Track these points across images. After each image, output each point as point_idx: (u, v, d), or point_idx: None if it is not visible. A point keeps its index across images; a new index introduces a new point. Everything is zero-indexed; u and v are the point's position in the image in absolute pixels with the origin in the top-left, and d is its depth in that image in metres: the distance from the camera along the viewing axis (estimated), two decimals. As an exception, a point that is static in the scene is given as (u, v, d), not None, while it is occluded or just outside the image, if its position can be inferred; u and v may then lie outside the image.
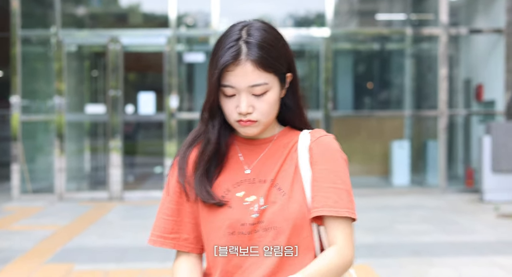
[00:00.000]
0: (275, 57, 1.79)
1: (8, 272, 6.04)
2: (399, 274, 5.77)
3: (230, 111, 1.81)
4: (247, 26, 1.82)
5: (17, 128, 10.76)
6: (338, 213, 1.76)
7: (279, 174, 1.84)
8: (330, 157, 1.82)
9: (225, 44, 1.79)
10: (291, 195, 1.80)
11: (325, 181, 1.80)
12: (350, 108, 12.91)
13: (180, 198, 1.89)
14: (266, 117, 1.81)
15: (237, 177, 1.86)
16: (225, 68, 1.76)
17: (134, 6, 12.94)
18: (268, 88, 1.79)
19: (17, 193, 10.66)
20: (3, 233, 7.92)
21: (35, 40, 11.67)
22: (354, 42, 13.17)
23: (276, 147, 1.89)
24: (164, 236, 1.89)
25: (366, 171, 12.44)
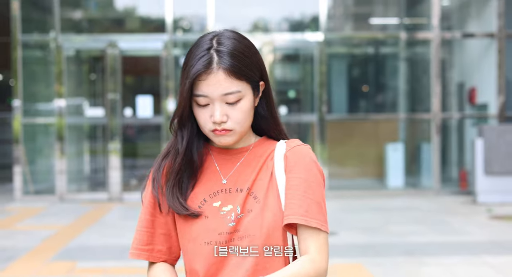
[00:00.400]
0: (246, 65, 1.78)
1: (14, 270, 6.25)
2: (392, 273, 5.97)
3: (204, 121, 1.79)
4: (217, 36, 1.82)
5: (19, 130, 10.96)
6: (308, 222, 1.75)
7: (255, 183, 1.83)
8: (304, 166, 1.81)
9: (196, 54, 1.78)
10: (265, 203, 1.80)
11: (298, 190, 1.78)
12: (344, 111, 13.11)
13: (154, 210, 1.88)
14: (241, 126, 1.80)
15: (214, 187, 1.85)
16: (197, 77, 1.75)
17: (130, 10, 13.12)
18: (242, 96, 1.78)
19: (19, 194, 10.85)
20: (7, 232, 8.13)
21: (35, 45, 11.86)
22: (348, 46, 13.37)
23: (252, 157, 1.87)
24: (140, 248, 1.88)
25: (361, 174, 12.62)
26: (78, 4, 12.57)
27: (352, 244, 7.22)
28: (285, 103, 12.95)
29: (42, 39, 11.76)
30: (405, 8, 13.11)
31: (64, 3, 11.61)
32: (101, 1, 12.74)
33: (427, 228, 8.10)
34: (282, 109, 11.92)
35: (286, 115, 12.09)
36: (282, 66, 14.00)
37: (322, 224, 1.77)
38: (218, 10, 11.30)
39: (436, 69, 11.21)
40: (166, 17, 11.18)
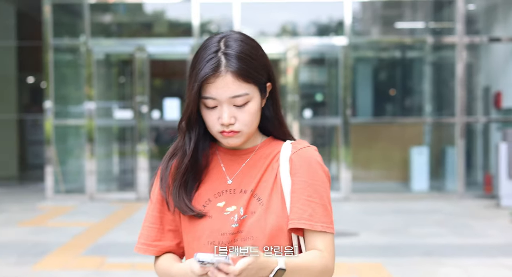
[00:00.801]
0: (254, 67, 1.80)
1: (46, 263, 6.54)
2: (409, 273, 6.13)
3: (213, 123, 1.81)
4: (224, 38, 1.83)
5: (50, 132, 11.27)
6: (312, 227, 1.78)
7: (259, 184, 1.84)
8: (309, 169, 1.83)
9: (204, 57, 1.79)
10: (269, 206, 1.81)
11: (303, 193, 1.81)
12: (369, 114, 13.23)
13: (162, 207, 1.90)
14: (248, 127, 1.82)
15: (219, 187, 1.87)
16: (206, 80, 1.77)
17: (159, 14, 13.38)
18: (249, 99, 1.80)
19: (51, 193, 11.17)
20: (39, 229, 8.43)
21: (66, 48, 12.17)
22: (373, 50, 13.50)
23: (258, 158, 1.88)
24: (148, 244, 1.91)
25: (385, 177, 12.73)
26: (107, 9, 12.85)
27: (373, 245, 7.38)
28: (311, 106, 13.12)
29: (73, 43, 12.06)
30: (431, 12, 13.20)
31: (94, 8, 11.92)
32: (130, 5, 13.01)
33: (448, 231, 8.22)
34: (306, 112, 12.08)
35: (311, 118, 12.25)
36: (307, 70, 14.17)
37: (327, 226, 1.80)
38: (244, 14, 11.53)
39: (460, 73, 11.31)
40: (193, 21, 11.42)
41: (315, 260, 1.76)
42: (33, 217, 9.43)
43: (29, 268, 6.34)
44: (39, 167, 14.45)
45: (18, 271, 6.26)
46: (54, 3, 11.42)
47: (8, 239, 7.79)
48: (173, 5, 12.55)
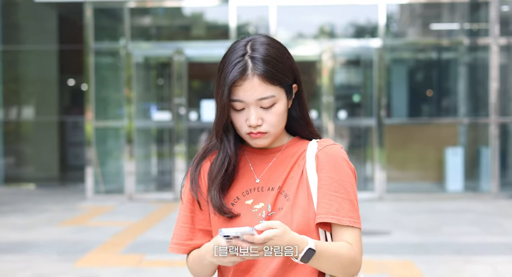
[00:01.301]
0: (280, 70, 1.84)
1: (87, 260, 6.81)
2: (438, 270, 6.26)
3: (241, 124, 1.86)
4: (251, 41, 1.87)
5: (91, 133, 11.60)
6: (340, 221, 1.82)
7: (286, 181, 1.88)
8: (335, 165, 1.86)
9: (232, 60, 1.85)
10: (295, 201, 1.85)
11: (329, 189, 1.84)
12: (404, 115, 13.31)
13: (193, 206, 1.95)
14: (275, 128, 1.86)
15: (247, 186, 1.91)
16: (233, 84, 1.82)
17: (197, 17, 13.63)
18: (276, 100, 1.84)
19: (91, 193, 11.50)
20: (80, 228, 8.73)
21: (106, 52, 12.50)
22: (408, 51, 13.58)
23: (285, 156, 1.93)
24: (180, 243, 1.95)
25: (420, 177, 12.79)
26: (146, 12, 13.14)
27: (404, 243, 7.52)
28: (347, 107, 13.25)
29: (113, 46, 12.38)
30: (466, 13, 13.23)
31: (133, 11, 12.23)
32: (169, 9, 13.27)
33: (479, 230, 8.32)
34: (341, 113, 12.22)
35: (345, 119, 12.40)
36: (343, 71, 14.31)
37: (355, 221, 1.84)
38: (280, 16, 11.73)
39: (495, 74, 11.36)
40: (230, 24, 11.66)
41: (344, 249, 1.79)
42: (74, 216, 9.75)
43: (71, 265, 6.62)
44: (79, 168, 14.82)
45: (61, 268, 6.53)
46: (95, 8, 11.75)
47: (51, 238, 8.09)
48: (211, 8, 12.79)
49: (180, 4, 12.72)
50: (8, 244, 7.73)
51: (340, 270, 1.80)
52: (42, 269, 6.48)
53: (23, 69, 15.36)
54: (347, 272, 1.81)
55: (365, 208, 10.34)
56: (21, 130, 15.26)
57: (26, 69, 15.37)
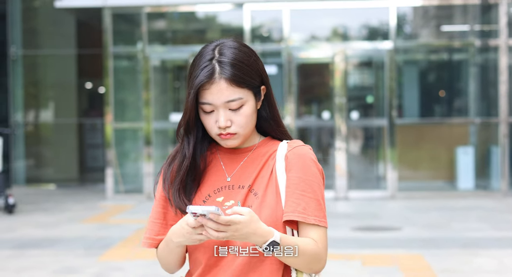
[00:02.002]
0: (247, 73, 1.89)
1: (110, 255, 7.16)
2: (445, 262, 6.54)
3: (211, 126, 1.91)
4: (219, 46, 1.93)
5: (110, 135, 11.95)
6: (306, 219, 1.86)
7: (256, 180, 1.94)
8: (303, 165, 1.92)
9: (200, 64, 1.89)
10: (263, 200, 1.90)
11: (297, 188, 1.90)
12: (416, 116, 13.56)
13: (166, 203, 1.99)
14: (244, 129, 1.92)
15: (218, 184, 1.96)
16: (201, 87, 1.87)
17: (211, 21, 13.95)
18: (243, 102, 1.89)
19: (111, 193, 11.85)
20: (102, 225, 9.08)
21: (124, 55, 12.85)
22: (419, 52, 13.83)
23: (256, 156, 1.98)
24: (152, 238, 2.00)
25: (431, 176, 13.02)
26: (163, 17, 13.48)
27: (414, 238, 7.80)
28: (359, 108, 13.54)
29: (131, 50, 12.74)
30: (476, 15, 13.45)
31: (150, 16, 12.57)
32: (184, 13, 13.59)
33: (488, 225, 8.58)
34: (353, 114, 12.50)
35: (358, 119, 12.68)
36: (356, 73, 14.58)
37: (320, 220, 1.88)
38: (293, 20, 12.05)
39: (504, 75, 11.61)
40: (244, 27, 11.98)
41: (309, 245, 1.85)
42: (96, 214, 10.10)
43: (95, 259, 6.96)
44: (97, 170, 15.20)
45: (86, 262, 6.87)
46: (113, 13, 12.11)
47: (75, 234, 8.45)
48: (225, 12, 13.11)
49: (194, 9, 13.04)
50: (35, 240, 8.09)
51: (303, 264, 1.86)
52: (69, 262, 6.83)
53: (43, 73, 15.75)
54: (310, 267, 1.88)
55: (377, 206, 10.64)
56: (41, 132, 15.63)
57: (45, 73, 15.76)
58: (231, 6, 12.34)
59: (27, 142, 15.06)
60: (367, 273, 6.21)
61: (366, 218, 9.39)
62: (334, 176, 11.73)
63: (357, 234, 8.16)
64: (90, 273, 6.37)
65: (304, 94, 14.34)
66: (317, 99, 15.60)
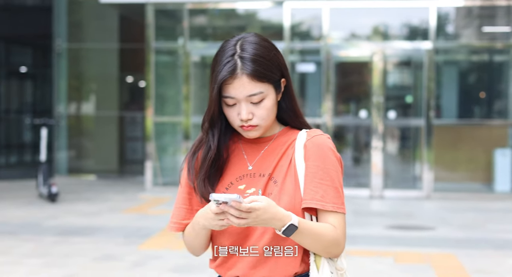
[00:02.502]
0: (267, 67, 1.97)
1: (150, 244, 7.40)
2: (478, 262, 6.62)
3: (233, 118, 2.00)
4: (240, 40, 1.99)
5: (150, 128, 12.20)
6: (324, 207, 1.94)
7: (276, 168, 2.01)
8: (321, 154, 1.99)
9: (222, 60, 1.97)
10: (282, 187, 1.98)
11: (315, 176, 1.97)
12: (454, 116, 13.56)
13: (191, 189, 2.08)
14: (265, 121, 2.00)
15: (240, 172, 2.04)
16: (224, 82, 1.94)
17: (251, 18, 14.09)
18: (264, 96, 1.97)
19: (150, 185, 12.11)
20: (141, 216, 9.33)
21: (166, 51, 13.09)
22: (459, 53, 13.82)
23: (276, 145, 2.06)
24: (179, 222, 2.10)
25: (468, 178, 13.01)
26: (204, 13, 13.66)
27: (448, 237, 7.88)
28: (399, 107, 13.59)
29: (172, 46, 12.97)
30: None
31: (191, 12, 12.78)
32: (224, 10, 13.74)
33: (523, 227, 8.62)
34: (390, 114, 12.56)
35: (395, 119, 12.73)
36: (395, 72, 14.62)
37: (338, 206, 1.96)
38: (333, 18, 12.15)
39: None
40: (284, 25, 12.11)
41: (327, 230, 1.93)
42: (135, 205, 10.34)
43: (135, 248, 7.18)
44: (136, 162, 15.48)
45: (126, 249, 7.10)
46: (156, 9, 12.34)
47: (115, 223, 8.69)
48: (265, 10, 13.25)
49: (235, 6, 13.20)
50: (77, 228, 8.36)
51: (321, 248, 1.93)
52: (109, 250, 7.06)
53: (86, 66, 16.06)
54: (328, 251, 1.95)
55: (412, 206, 10.70)
56: (82, 124, 15.94)
57: (88, 66, 16.07)
58: (271, 4, 12.48)
59: (69, 134, 15.38)
60: (399, 270, 6.32)
61: (400, 217, 9.47)
62: (370, 175, 11.82)
63: (390, 232, 8.25)
64: (130, 261, 6.58)
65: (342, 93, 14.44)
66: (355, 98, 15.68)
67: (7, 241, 7.50)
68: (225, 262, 2.04)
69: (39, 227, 8.41)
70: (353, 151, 13.63)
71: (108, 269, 6.34)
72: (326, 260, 1.97)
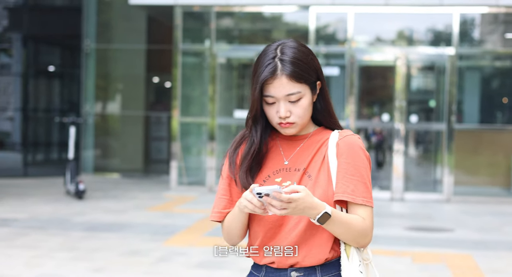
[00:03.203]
0: (305, 70, 2.13)
1: (175, 241, 7.65)
2: (494, 263, 6.79)
3: (272, 116, 2.16)
4: (281, 45, 2.16)
5: (176, 129, 12.46)
6: (354, 200, 2.11)
7: (310, 164, 2.18)
8: (352, 152, 2.16)
9: (264, 62, 2.13)
10: (316, 181, 2.15)
11: (346, 172, 2.13)
12: (476, 121, 13.67)
13: (231, 181, 2.24)
14: (301, 119, 2.16)
15: (277, 166, 2.20)
16: (265, 82, 2.11)
17: (277, 22, 14.29)
18: (301, 96, 2.13)
19: (175, 184, 12.38)
20: (166, 214, 9.60)
21: (192, 52, 13.34)
22: (481, 59, 13.93)
23: (310, 143, 2.22)
24: (220, 212, 2.23)
25: (488, 182, 13.12)
26: (230, 16, 13.89)
27: (465, 239, 8.05)
28: (421, 111, 13.74)
29: (199, 48, 13.22)
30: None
31: (218, 15, 13.03)
32: (251, 13, 13.94)
33: (540, 231, 8.76)
34: (412, 117, 12.71)
35: (417, 123, 12.88)
36: (418, 77, 14.75)
37: (367, 200, 2.13)
38: (357, 23, 12.35)
39: None
40: (309, 28, 12.32)
41: (357, 221, 2.10)
42: (161, 203, 10.61)
43: (161, 244, 7.43)
44: (161, 161, 15.76)
45: (152, 246, 7.35)
46: (184, 11, 12.60)
47: (141, 220, 8.96)
48: (291, 13, 13.45)
49: (261, 9, 13.38)
50: (104, 224, 8.64)
51: (351, 237, 2.10)
52: (136, 246, 7.32)
53: (113, 66, 16.36)
54: (357, 241, 2.11)
55: (432, 208, 10.86)
56: (108, 123, 16.22)
57: (116, 66, 16.37)
58: (297, 8, 12.69)
59: (96, 133, 15.66)
60: (416, 269, 6.51)
61: (419, 219, 9.64)
62: (391, 178, 11.99)
63: (409, 233, 8.44)
64: (156, 257, 6.83)
65: (366, 96, 14.59)
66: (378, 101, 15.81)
67: (36, 236, 7.80)
68: (260, 249, 2.18)
69: (67, 222, 8.70)
70: (376, 154, 13.78)
71: (135, 263, 6.59)
72: (355, 250, 2.14)
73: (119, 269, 6.40)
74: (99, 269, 6.32)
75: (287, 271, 2.15)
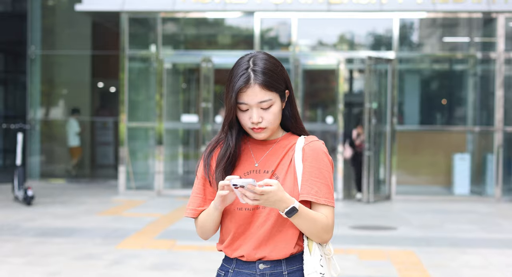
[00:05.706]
0: (275, 79, 2.32)
1: (126, 244, 7.78)
2: (435, 258, 7.13)
3: (245, 121, 2.34)
4: (253, 57, 2.35)
5: (124, 133, 12.55)
6: (318, 200, 2.31)
7: (278, 166, 2.38)
8: (317, 157, 2.36)
9: (238, 72, 2.32)
10: (283, 182, 2.34)
11: (311, 175, 2.33)
12: (416, 123, 14.11)
13: (205, 181, 2.43)
14: (272, 124, 2.35)
15: (248, 168, 2.40)
16: (239, 91, 2.29)
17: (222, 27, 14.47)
18: (272, 103, 2.32)
19: (123, 189, 12.47)
20: (116, 217, 9.70)
21: (139, 58, 13.44)
22: (420, 63, 14.38)
23: (278, 147, 2.42)
24: (194, 209, 2.43)
25: (429, 181, 13.58)
26: (176, 22, 14.03)
27: (408, 236, 8.39)
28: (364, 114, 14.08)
29: (146, 53, 13.34)
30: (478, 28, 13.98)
31: (164, 21, 13.16)
32: (196, 19, 14.10)
33: (478, 227, 9.16)
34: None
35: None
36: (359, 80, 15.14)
37: (329, 200, 2.32)
38: (300, 28, 12.66)
39: (499, 86, 12.18)
40: (254, 34, 12.57)
41: (321, 218, 2.30)
42: (110, 208, 10.69)
43: (113, 247, 7.55)
44: (107, 166, 15.80)
45: (105, 249, 7.46)
46: (130, 17, 12.70)
47: (92, 225, 9.04)
48: (236, 19, 13.68)
49: (205, 15, 13.52)
50: (55, 229, 8.71)
51: (315, 232, 2.28)
52: (89, 249, 7.43)
53: (58, 72, 16.32)
54: (320, 236, 2.30)
55: (376, 207, 11.20)
56: (54, 129, 16.16)
57: (61, 72, 16.33)
58: (241, 14, 12.90)
59: (41, 139, 15.59)
60: (363, 266, 6.79)
61: (364, 218, 9.96)
62: (336, 179, 12.28)
63: (355, 232, 8.74)
64: (109, 260, 6.96)
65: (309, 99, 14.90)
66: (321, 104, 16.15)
67: (-12, 242, 7.82)
68: (231, 244, 2.38)
69: (18, 228, 8.73)
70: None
71: (89, 267, 6.71)
72: (317, 245, 2.33)
73: (75, 273, 6.50)
74: (55, 273, 6.41)
75: (255, 264, 2.35)
